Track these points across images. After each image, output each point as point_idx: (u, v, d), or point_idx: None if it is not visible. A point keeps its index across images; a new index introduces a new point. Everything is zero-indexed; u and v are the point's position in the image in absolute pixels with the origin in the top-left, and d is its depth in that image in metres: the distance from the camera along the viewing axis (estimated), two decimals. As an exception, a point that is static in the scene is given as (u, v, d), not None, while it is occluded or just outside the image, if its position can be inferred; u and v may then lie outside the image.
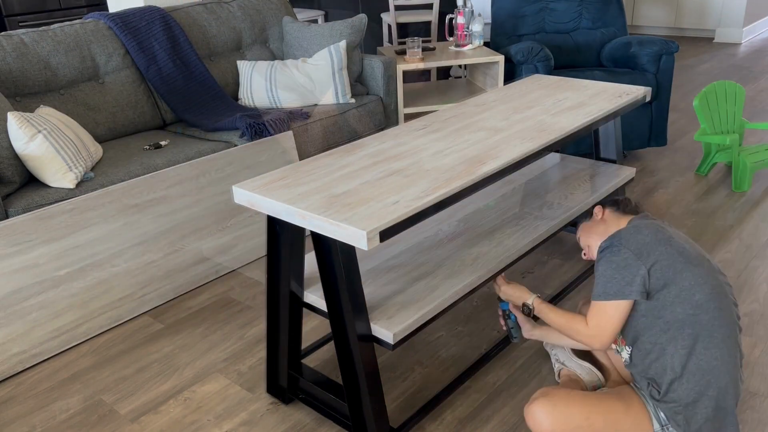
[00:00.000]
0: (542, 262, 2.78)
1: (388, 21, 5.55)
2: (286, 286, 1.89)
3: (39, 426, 2.01)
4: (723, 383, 1.56)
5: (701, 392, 1.56)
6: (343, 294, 1.64)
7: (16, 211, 2.27)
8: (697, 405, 1.57)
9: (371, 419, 1.73)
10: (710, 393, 1.56)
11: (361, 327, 1.68)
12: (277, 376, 2.04)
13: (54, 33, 2.90)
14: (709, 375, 1.56)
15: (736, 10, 6.68)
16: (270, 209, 1.69)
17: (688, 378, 1.57)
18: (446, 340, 2.31)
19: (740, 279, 2.59)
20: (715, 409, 1.56)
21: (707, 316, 1.57)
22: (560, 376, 2.01)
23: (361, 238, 1.49)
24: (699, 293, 1.57)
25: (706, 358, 1.56)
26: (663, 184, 3.49)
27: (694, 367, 1.56)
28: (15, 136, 2.29)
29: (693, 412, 1.57)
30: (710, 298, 1.58)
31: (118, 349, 2.36)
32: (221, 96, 3.22)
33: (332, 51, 3.25)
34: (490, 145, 2.00)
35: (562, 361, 2.03)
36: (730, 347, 1.58)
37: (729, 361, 1.57)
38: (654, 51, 3.50)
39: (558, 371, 2.04)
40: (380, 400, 1.75)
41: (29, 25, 5.56)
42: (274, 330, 1.98)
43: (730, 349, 1.58)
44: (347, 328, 1.67)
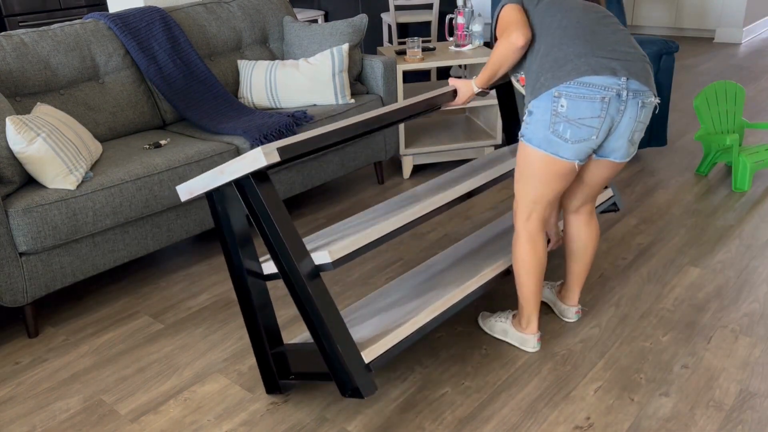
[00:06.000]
0: (542, 262, 2.78)
1: (388, 21, 5.55)
2: (240, 264, 1.98)
3: (39, 426, 2.01)
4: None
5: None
6: (275, 229, 1.75)
7: (16, 211, 2.27)
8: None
9: (343, 354, 1.72)
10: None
11: (301, 258, 1.76)
12: (267, 364, 2.04)
13: (54, 33, 2.90)
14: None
15: (736, 10, 6.68)
16: (201, 186, 1.91)
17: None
18: (446, 340, 2.31)
19: (740, 279, 2.59)
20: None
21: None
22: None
23: (260, 156, 1.69)
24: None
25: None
26: (663, 184, 3.49)
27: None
28: (13, 140, 2.29)
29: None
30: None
31: (118, 349, 2.36)
32: (223, 94, 3.21)
33: (334, 52, 3.25)
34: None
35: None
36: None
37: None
38: (654, 51, 3.50)
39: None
40: (345, 334, 1.75)
41: (29, 25, 5.56)
42: (251, 318, 2.01)
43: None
44: (288, 262, 1.76)
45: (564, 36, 1.91)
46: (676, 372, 2.10)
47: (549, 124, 1.90)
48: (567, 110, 1.87)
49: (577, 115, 1.87)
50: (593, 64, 1.85)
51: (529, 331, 2.21)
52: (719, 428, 1.88)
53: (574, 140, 1.90)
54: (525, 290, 2.14)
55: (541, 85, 1.90)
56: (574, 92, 1.85)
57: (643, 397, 2.00)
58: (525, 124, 1.97)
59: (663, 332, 2.30)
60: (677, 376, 2.09)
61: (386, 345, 1.85)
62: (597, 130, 1.89)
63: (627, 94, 1.87)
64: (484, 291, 2.20)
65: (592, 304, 2.47)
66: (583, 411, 1.96)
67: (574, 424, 1.92)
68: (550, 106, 1.88)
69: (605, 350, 2.22)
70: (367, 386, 1.72)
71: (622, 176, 3.60)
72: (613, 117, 1.89)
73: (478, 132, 3.93)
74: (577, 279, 2.30)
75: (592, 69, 1.85)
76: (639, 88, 1.88)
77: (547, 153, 1.94)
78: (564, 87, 1.86)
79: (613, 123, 1.91)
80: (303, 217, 3.35)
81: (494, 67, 2.05)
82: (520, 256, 2.11)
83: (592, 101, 1.85)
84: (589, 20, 1.94)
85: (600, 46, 1.88)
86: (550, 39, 1.93)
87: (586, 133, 1.89)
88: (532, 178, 2.00)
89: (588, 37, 1.90)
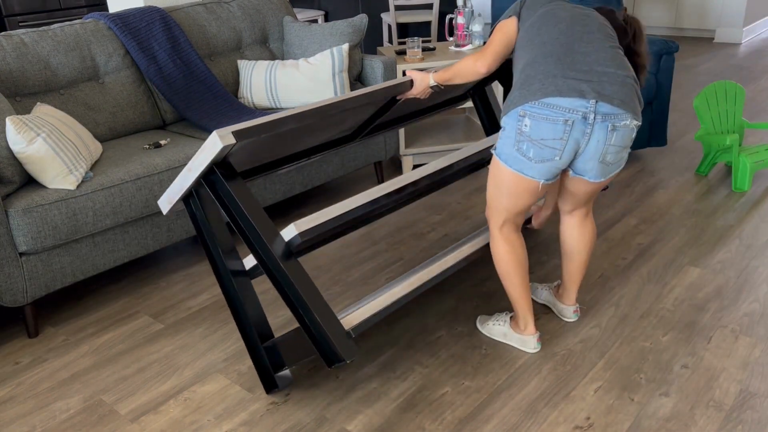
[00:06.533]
0: (542, 262, 2.78)
1: (388, 21, 5.54)
2: (224, 266, 2.04)
3: (39, 426, 2.01)
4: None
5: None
6: (245, 215, 1.82)
7: (16, 211, 2.27)
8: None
9: (322, 322, 1.74)
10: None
11: (272, 238, 1.82)
12: (261, 361, 2.05)
13: (54, 33, 2.90)
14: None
15: (736, 10, 6.68)
16: (177, 190, 2.00)
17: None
18: (446, 340, 2.31)
19: (740, 279, 2.59)
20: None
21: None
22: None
23: (216, 140, 1.77)
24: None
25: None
26: (663, 184, 3.49)
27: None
28: (13, 140, 2.29)
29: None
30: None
31: (118, 349, 2.36)
32: (223, 94, 3.21)
33: (334, 52, 3.25)
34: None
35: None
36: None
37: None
38: (654, 51, 3.49)
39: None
40: (323, 304, 1.77)
41: (29, 25, 5.56)
42: (241, 317, 2.04)
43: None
44: (260, 244, 1.81)
45: (540, 53, 1.92)
46: (676, 372, 2.10)
47: (514, 141, 1.92)
48: (530, 130, 1.88)
49: (539, 136, 1.88)
50: (560, 85, 1.84)
51: (527, 332, 2.22)
52: (719, 428, 1.88)
53: (537, 160, 1.91)
54: (512, 290, 2.17)
55: (511, 102, 1.92)
56: (537, 113, 1.86)
57: (643, 397, 2.00)
58: (499, 138, 2.01)
59: (663, 332, 2.30)
60: (677, 376, 2.09)
61: (365, 314, 1.89)
62: (560, 152, 1.90)
63: (594, 117, 1.85)
64: (464, 265, 2.23)
65: (592, 304, 2.47)
66: (583, 411, 1.96)
67: (574, 424, 1.92)
68: (516, 124, 1.91)
69: (605, 350, 2.22)
70: (348, 350, 1.74)
71: (622, 176, 3.60)
72: (578, 140, 1.89)
73: (478, 132, 3.93)
74: (573, 279, 2.30)
75: (557, 90, 1.84)
76: (610, 111, 1.85)
77: (513, 170, 1.97)
78: (529, 106, 1.87)
79: (578, 145, 1.90)
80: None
81: (453, 73, 2.20)
82: (500, 256, 2.14)
83: (554, 123, 1.85)
84: (570, 36, 1.92)
85: (572, 66, 1.87)
86: (529, 55, 1.94)
87: (549, 153, 1.90)
88: (502, 191, 2.04)
89: (563, 55, 1.89)
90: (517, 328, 2.24)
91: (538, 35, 1.96)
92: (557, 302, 2.39)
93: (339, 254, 2.93)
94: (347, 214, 1.93)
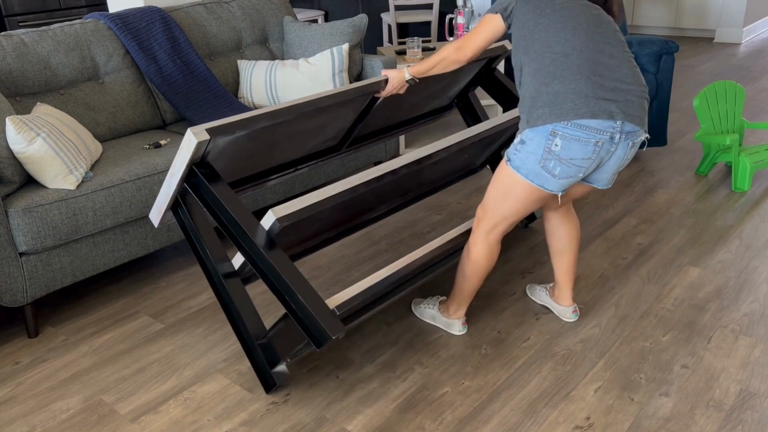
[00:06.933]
0: (542, 263, 2.78)
1: (388, 21, 5.55)
2: (215, 270, 2.07)
3: (39, 426, 2.01)
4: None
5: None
6: (225, 210, 1.88)
7: (16, 211, 2.27)
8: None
9: (307, 303, 1.76)
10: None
11: (253, 229, 1.86)
12: (258, 359, 2.06)
13: (54, 33, 2.90)
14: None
15: (736, 10, 6.68)
16: (163, 198, 2.07)
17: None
18: (446, 340, 2.31)
19: (740, 279, 2.59)
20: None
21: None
22: None
23: (191, 137, 1.83)
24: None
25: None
26: (663, 184, 3.49)
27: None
28: (13, 140, 2.29)
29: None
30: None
31: (118, 349, 2.36)
32: (223, 94, 3.21)
33: (334, 52, 3.25)
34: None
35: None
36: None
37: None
38: (654, 51, 3.50)
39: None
40: (307, 286, 1.80)
41: (29, 25, 5.56)
42: (235, 318, 2.06)
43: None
44: (243, 236, 1.85)
45: (566, 67, 1.89)
46: (676, 372, 2.10)
47: (540, 159, 1.92)
48: (560, 150, 1.89)
49: (569, 156, 1.90)
50: (593, 106, 1.85)
51: (455, 317, 2.31)
52: (719, 428, 1.88)
53: (562, 177, 1.94)
54: (468, 286, 2.22)
55: (538, 117, 1.90)
56: (570, 134, 1.87)
57: (643, 397, 2.01)
58: (515, 150, 1.98)
59: (663, 332, 2.30)
60: (677, 376, 2.09)
61: (350, 294, 1.91)
62: (585, 169, 1.94)
63: (620, 137, 1.90)
64: (449, 248, 2.25)
65: (592, 304, 2.47)
66: (583, 411, 1.96)
67: (574, 424, 1.92)
68: (544, 143, 1.90)
69: (605, 350, 2.22)
70: (334, 327, 1.75)
71: (622, 176, 3.60)
72: (603, 157, 1.94)
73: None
74: (566, 276, 2.33)
75: (591, 113, 1.85)
76: (632, 129, 1.91)
77: (534, 184, 1.97)
78: (561, 127, 1.87)
79: (601, 162, 1.96)
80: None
81: (431, 64, 2.22)
82: (474, 259, 2.16)
83: (585, 144, 1.88)
84: (593, 48, 1.90)
85: (601, 84, 1.87)
86: (551, 66, 1.90)
87: (575, 171, 1.93)
88: (512, 200, 2.04)
89: (590, 73, 1.88)
90: (445, 313, 2.34)
91: (557, 42, 1.91)
92: (555, 304, 2.39)
93: (339, 254, 2.93)
94: (324, 202, 1.95)
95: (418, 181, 2.54)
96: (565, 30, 1.92)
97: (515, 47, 2.01)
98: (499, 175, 2.04)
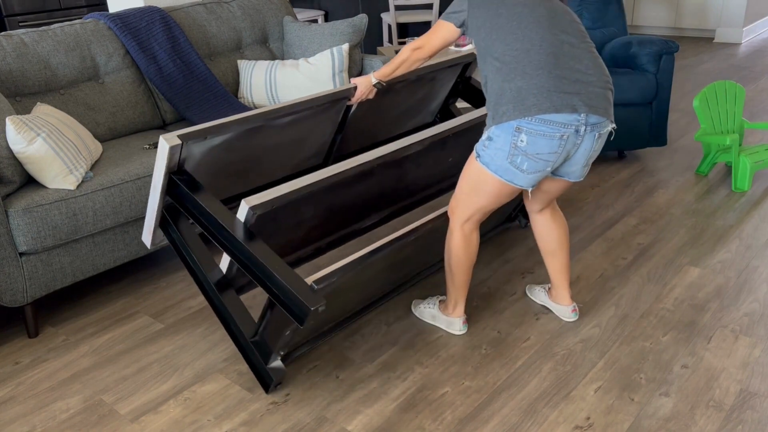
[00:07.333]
0: (542, 262, 2.78)
1: (388, 21, 5.55)
2: (206, 279, 2.12)
3: (39, 426, 2.01)
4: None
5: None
6: (205, 211, 1.95)
7: (16, 211, 2.27)
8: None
9: (285, 281, 1.79)
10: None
11: (230, 222, 1.92)
12: (254, 357, 2.07)
13: (54, 33, 2.90)
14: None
15: (736, 10, 6.68)
16: (150, 214, 2.18)
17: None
18: (446, 340, 2.31)
19: (740, 279, 2.59)
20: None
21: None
22: None
23: (164, 143, 1.95)
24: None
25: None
26: (663, 184, 3.49)
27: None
28: (13, 140, 2.29)
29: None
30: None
31: (118, 349, 2.36)
32: (223, 94, 3.21)
33: (334, 52, 3.25)
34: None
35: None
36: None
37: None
38: (654, 51, 3.50)
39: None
40: (285, 267, 1.83)
41: (29, 25, 5.56)
42: (226, 321, 2.10)
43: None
44: (222, 231, 1.91)
45: (527, 63, 1.92)
46: (676, 372, 2.10)
47: (508, 155, 1.95)
48: (526, 145, 1.92)
49: (535, 151, 1.92)
50: (555, 101, 1.88)
51: (455, 315, 2.32)
52: (719, 428, 1.88)
53: (530, 171, 1.97)
54: (456, 280, 2.24)
55: (503, 114, 1.94)
56: (534, 129, 1.90)
57: (643, 397, 2.01)
58: (483, 147, 2.02)
59: (663, 332, 2.30)
60: (677, 376, 2.09)
61: (327, 270, 1.93)
62: (552, 163, 1.97)
63: (585, 129, 1.93)
64: (423, 232, 2.26)
65: (592, 304, 2.47)
66: (583, 411, 1.96)
67: (574, 424, 1.92)
68: (510, 139, 1.93)
69: (605, 350, 2.22)
70: (313, 299, 1.77)
71: (621, 176, 3.60)
72: (569, 150, 1.96)
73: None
74: (561, 276, 2.34)
75: (554, 107, 1.88)
76: (597, 120, 1.94)
77: (503, 180, 2.01)
78: (526, 123, 1.90)
79: (568, 155, 1.99)
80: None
81: (395, 66, 2.32)
82: (454, 251, 2.19)
83: (551, 138, 1.91)
84: (552, 41, 1.93)
85: (563, 78, 1.90)
86: (513, 63, 1.94)
87: (542, 165, 1.96)
88: (482, 194, 2.07)
89: (551, 67, 1.91)
90: (445, 311, 2.34)
91: (515, 39, 1.95)
92: (554, 304, 2.39)
93: (340, 254, 2.93)
94: (297, 191, 1.98)
95: (406, 185, 2.55)
96: (522, 27, 1.95)
97: (478, 52, 2.05)
98: (469, 170, 2.08)
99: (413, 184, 2.59)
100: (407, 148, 2.28)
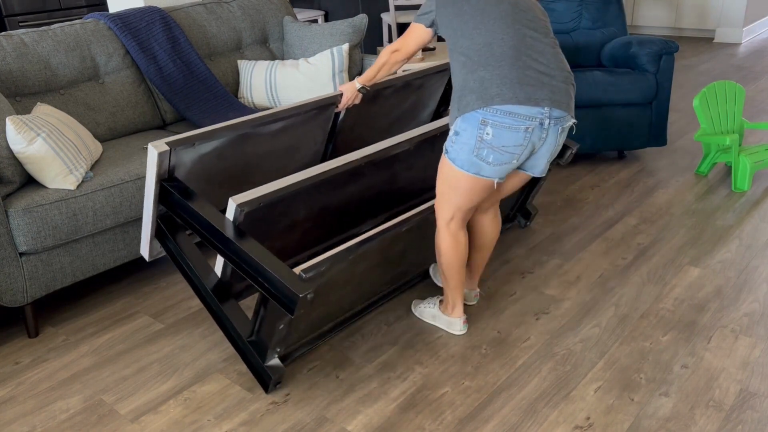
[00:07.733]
0: (542, 262, 2.78)
1: (388, 21, 5.54)
2: (203, 286, 2.13)
3: (39, 426, 2.01)
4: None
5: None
6: (195, 213, 1.97)
7: (16, 211, 2.27)
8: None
9: (274, 272, 1.81)
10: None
11: (220, 222, 1.94)
12: (251, 357, 2.07)
13: (54, 33, 2.90)
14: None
15: (736, 10, 6.68)
16: (146, 226, 2.21)
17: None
18: (446, 340, 2.31)
19: (740, 279, 2.59)
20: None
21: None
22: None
23: (153, 150, 1.99)
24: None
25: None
26: (663, 184, 3.49)
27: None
28: (14, 140, 2.29)
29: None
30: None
31: (118, 349, 2.36)
32: (223, 94, 3.21)
33: (334, 53, 3.25)
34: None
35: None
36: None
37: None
38: (654, 51, 3.50)
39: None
40: (273, 260, 1.85)
41: (29, 25, 5.56)
42: (223, 324, 2.12)
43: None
44: (212, 231, 1.93)
45: (490, 55, 1.94)
46: (676, 372, 2.10)
47: (474, 148, 1.98)
48: (492, 138, 1.94)
49: (501, 143, 1.95)
50: (518, 93, 1.91)
51: (455, 315, 2.33)
52: (719, 428, 1.88)
53: (496, 163, 1.99)
54: (450, 281, 2.26)
55: (467, 104, 1.96)
56: (500, 122, 1.92)
57: (643, 397, 2.01)
58: (451, 143, 2.04)
59: (663, 332, 2.30)
60: (677, 376, 2.09)
61: (317, 260, 1.94)
62: (518, 156, 1.99)
63: (549, 123, 1.96)
64: (414, 223, 2.27)
65: (592, 304, 2.47)
66: (583, 411, 1.96)
67: (574, 424, 1.92)
68: (476, 132, 1.96)
69: (605, 350, 2.22)
70: (301, 287, 1.78)
71: (621, 176, 3.61)
72: (535, 143, 1.99)
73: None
74: (479, 268, 2.43)
75: (517, 99, 1.91)
76: (560, 114, 1.97)
77: (470, 173, 2.03)
78: (491, 115, 1.92)
79: (534, 148, 2.01)
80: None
81: (376, 70, 2.38)
82: (444, 251, 2.21)
83: (516, 131, 1.93)
84: (514, 35, 1.96)
85: (525, 71, 1.93)
86: (476, 56, 1.96)
87: (508, 157, 1.98)
88: (457, 192, 2.10)
89: (513, 60, 1.93)
90: (445, 311, 2.35)
91: (478, 34, 1.97)
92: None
93: (339, 254, 2.93)
94: (285, 189, 2.00)
95: (400, 190, 2.55)
96: (485, 22, 1.97)
97: (448, 50, 2.08)
98: (442, 169, 2.11)
99: (407, 189, 2.59)
100: (395, 146, 2.29)
